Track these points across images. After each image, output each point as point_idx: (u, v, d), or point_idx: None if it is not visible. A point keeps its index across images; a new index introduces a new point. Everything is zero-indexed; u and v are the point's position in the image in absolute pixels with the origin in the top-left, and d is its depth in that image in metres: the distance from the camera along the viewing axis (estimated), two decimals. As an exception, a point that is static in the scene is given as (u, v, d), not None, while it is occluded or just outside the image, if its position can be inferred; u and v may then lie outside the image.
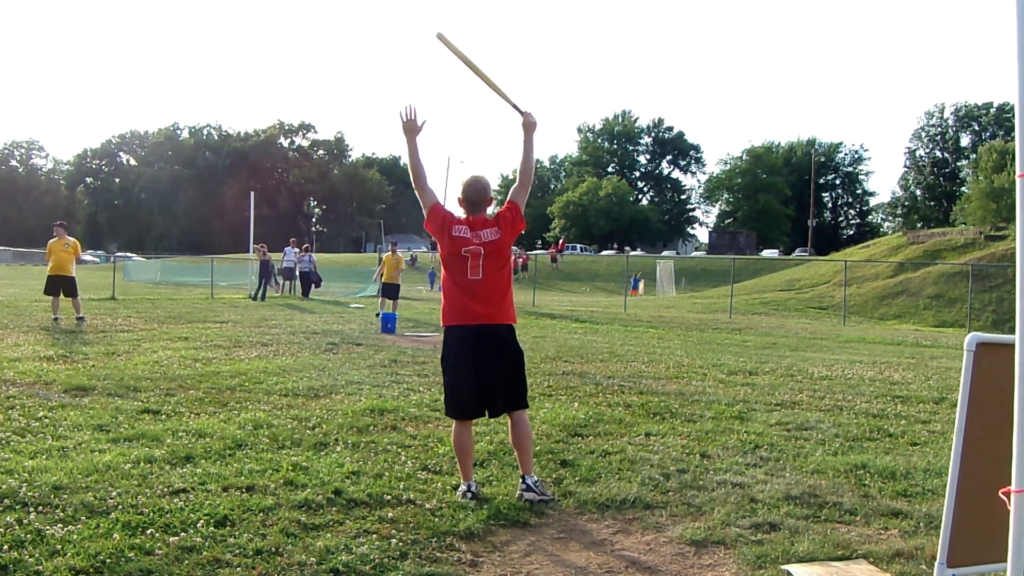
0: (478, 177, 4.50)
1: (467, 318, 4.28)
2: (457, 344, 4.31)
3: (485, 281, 4.28)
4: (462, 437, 4.33)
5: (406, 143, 4.44)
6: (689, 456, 5.28)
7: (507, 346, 4.33)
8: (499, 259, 4.34)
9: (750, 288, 35.88)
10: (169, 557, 3.21)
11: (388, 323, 13.65)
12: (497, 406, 4.32)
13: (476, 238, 4.29)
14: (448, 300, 4.36)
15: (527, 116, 4.44)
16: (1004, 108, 76.51)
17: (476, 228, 4.32)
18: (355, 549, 3.41)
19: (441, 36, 4.28)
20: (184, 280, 33.65)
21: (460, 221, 4.36)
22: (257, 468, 4.52)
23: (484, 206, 4.44)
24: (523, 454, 4.36)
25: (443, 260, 4.39)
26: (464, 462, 4.31)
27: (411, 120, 4.40)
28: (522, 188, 4.46)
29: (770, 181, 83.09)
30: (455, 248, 4.28)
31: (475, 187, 4.43)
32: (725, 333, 17.22)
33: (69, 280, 13.39)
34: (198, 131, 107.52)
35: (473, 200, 4.41)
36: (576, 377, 8.73)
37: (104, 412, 5.87)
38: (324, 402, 6.70)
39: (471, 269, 4.28)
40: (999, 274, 26.27)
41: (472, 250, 4.27)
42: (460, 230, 4.32)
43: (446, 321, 4.36)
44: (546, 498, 4.23)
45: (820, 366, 10.77)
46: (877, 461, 5.24)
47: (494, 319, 4.30)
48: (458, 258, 4.28)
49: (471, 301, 4.27)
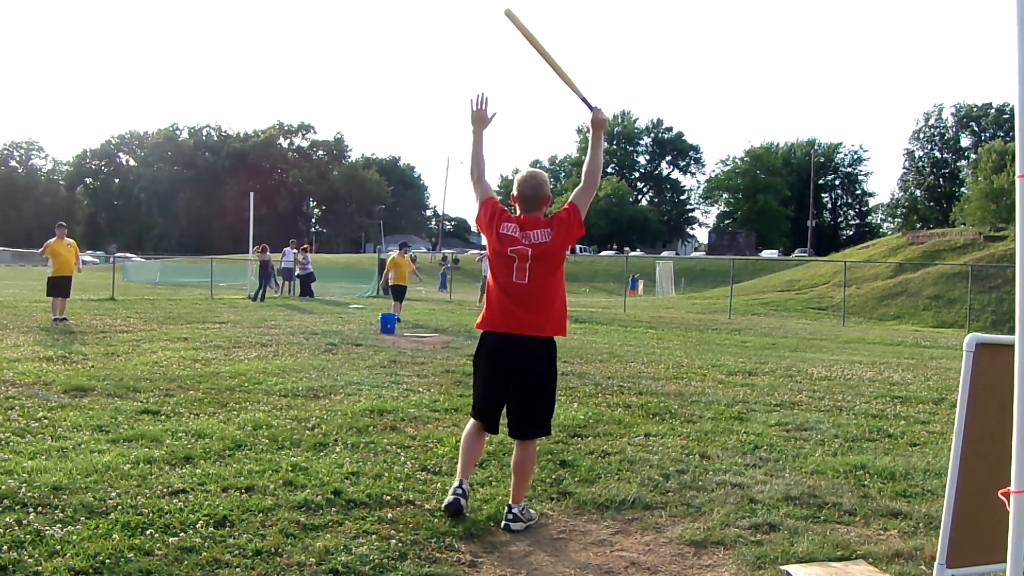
0: (535, 172, 4.14)
1: (506, 324, 3.95)
2: (488, 351, 4.03)
3: (530, 288, 3.93)
4: (472, 434, 4.09)
5: (472, 133, 4.17)
6: (688, 457, 5.28)
7: (540, 364, 3.96)
8: (549, 264, 3.96)
9: (749, 289, 35.86)
10: (168, 558, 3.21)
11: (388, 324, 13.64)
12: (519, 427, 4.01)
13: (525, 239, 3.94)
14: (488, 303, 4.06)
15: (597, 112, 4.06)
16: (1004, 108, 76.55)
17: (527, 228, 3.97)
18: (355, 550, 3.41)
19: (510, 13, 3.91)
20: (183, 281, 33.64)
21: (511, 219, 4.03)
22: (256, 469, 4.52)
23: (540, 205, 4.07)
24: (519, 483, 4.02)
25: (489, 259, 4.10)
26: (464, 460, 4.08)
27: (481, 110, 4.16)
28: (586, 190, 4.06)
29: (769, 181, 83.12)
30: (501, 247, 3.96)
31: (530, 183, 4.06)
32: (724, 334, 17.22)
33: (70, 280, 13.49)
34: (197, 131, 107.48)
35: (527, 197, 4.04)
36: (576, 377, 8.73)
37: (103, 413, 5.87)
38: (323, 403, 6.70)
39: (517, 272, 3.94)
40: (999, 275, 26.26)
41: (519, 251, 3.92)
42: (509, 228, 3.98)
43: (482, 324, 4.05)
44: (532, 521, 4.01)
45: (819, 367, 10.77)
46: (876, 462, 5.25)
47: (535, 330, 3.95)
48: (504, 258, 3.96)
49: (513, 306, 3.94)
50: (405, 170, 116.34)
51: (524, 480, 4.03)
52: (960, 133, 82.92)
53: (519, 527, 3.91)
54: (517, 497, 4.00)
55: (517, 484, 4.01)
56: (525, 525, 3.94)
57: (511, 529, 3.88)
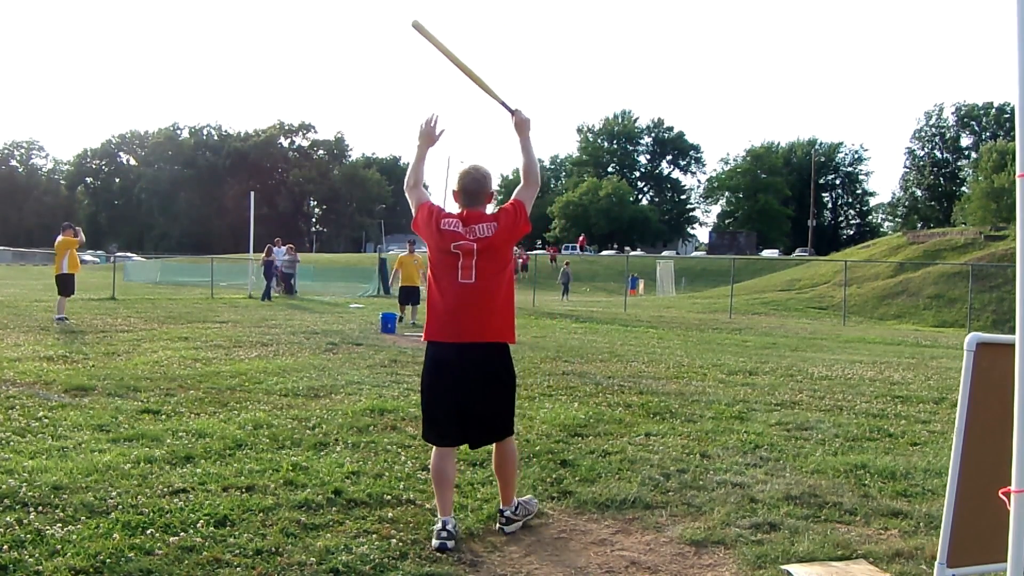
0: (476, 166, 3.94)
1: (452, 333, 3.67)
2: (437, 365, 3.73)
3: (478, 287, 3.67)
4: (441, 463, 3.72)
5: (417, 148, 4.07)
6: (689, 456, 5.28)
7: (497, 374, 3.74)
8: (496, 260, 3.72)
9: (750, 288, 35.86)
10: (169, 557, 3.22)
11: (388, 323, 13.63)
12: (480, 439, 3.81)
13: (469, 233, 3.71)
14: (432, 310, 3.76)
15: (517, 114, 3.92)
16: (1004, 108, 76.53)
17: (470, 222, 3.75)
18: (355, 549, 3.41)
19: (417, 25, 3.78)
20: (184, 280, 33.64)
21: (452, 215, 3.82)
22: (257, 468, 4.52)
23: (483, 199, 3.88)
24: (505, 485, 3.85)
25: (431, 262, 3.81)
26: (441, 493, 3.69)
27: (431, 128, 4.02)
28: (527, 187, 3.89)
29: (770, 181, 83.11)
30: (444, 243, 3.71)
31: (473, 176, 3.88)
32: (725, 333, 17.21)
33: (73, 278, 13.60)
34: (198, 131, 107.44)
35: (470, 191, 3.85)
36: (576, 377, 8.73)
37: (104, 412, 5.87)
38: (324, 402, 6.70)
39: (462, 270, 3.69)
40: (999, 274, 26.25)
41: (463, 246, 3.69)
42: (451, 223, 3.75)
43: (427, 335, 3.76)
44: (530, 515, 3.95)
45: (820, 366, 10.77)
46: (877, 461, 5.25)
47: (485, 335, 3.68)
48: (447, 256, 3.71)
49: (459, 311, 3.67)
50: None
51: (509, 480, 3.87)
52: (961, 132, 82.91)
53: (515, 528, 3.85)
54: (507, 498, 3.88)
55: (503, 486, 3.88)
56: (523, 522, 3.89)
57: (507, 532, 3.82)
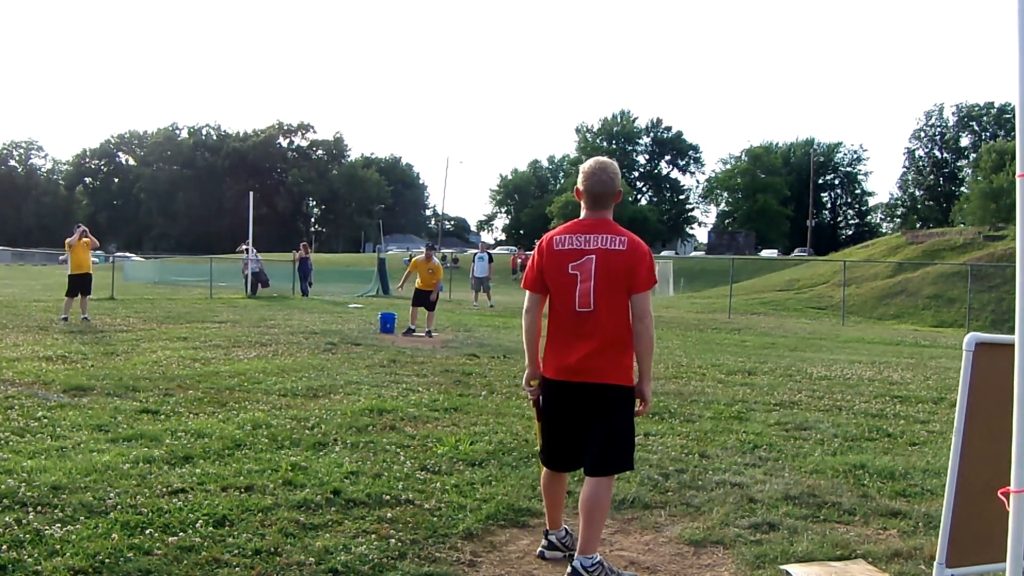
0: (603, 162, 3.26)
1: (566, 371, 3.20)
2: (554, 398, 3.31)
3: (596, 316, 3.14)
4: (551, 483, 3.48)
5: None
6: (688, 456, 5.28)
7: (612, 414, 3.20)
8: (619, 283, 3.13)
9: (749, 288, 35.85)
10: (168, 557, 3.21)
11: (387, 323, 13.62)
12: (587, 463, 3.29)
13: (587, 244, 3.15)
14: (547, 342, 3.31)
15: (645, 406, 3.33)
16: (1004, 108, 76.53)
17: (592, 231, 3.16)
18: (354, 549, 3.41)
19: None
20: (183, 280, 33.60)
21: (564, 230, 3.26)
22: (256, 468, 4.52)
23: (610, 202, 3.25)
24: (588, 527, 3.17)
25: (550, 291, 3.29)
26: (550, 507, 3.51)
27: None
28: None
29: (769, 181, 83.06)
30: (561, 262, 3.17)
31: (599, 175, 3.21)
32: (724, 333, 17.21)
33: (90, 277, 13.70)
34: (197, 131, 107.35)
35: (595, 193, 3.22)
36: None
37: (103, 412, 5.87)
38: (323, 402, 6.70)
39: (580, 296, 3.14)
40: (998, 274, 26.25)
41: (582, 264, 3.14)
42: (564, 241, 3.19)
43: (544, 368, 3.32)
44: None
45: (819, 366, 10.77)
46: (876, 461, 5.25)
47: (600, 376, 3.16)
48: (563, 276, 3.18)
49: (575, 344, 3.16)
50: (405, 170, 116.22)
51: (594, 525, 3.18)
52: (960, 132, 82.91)
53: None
54: (587, 547, 3.16)
55: (586, 529, 3.17)
56: None
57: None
